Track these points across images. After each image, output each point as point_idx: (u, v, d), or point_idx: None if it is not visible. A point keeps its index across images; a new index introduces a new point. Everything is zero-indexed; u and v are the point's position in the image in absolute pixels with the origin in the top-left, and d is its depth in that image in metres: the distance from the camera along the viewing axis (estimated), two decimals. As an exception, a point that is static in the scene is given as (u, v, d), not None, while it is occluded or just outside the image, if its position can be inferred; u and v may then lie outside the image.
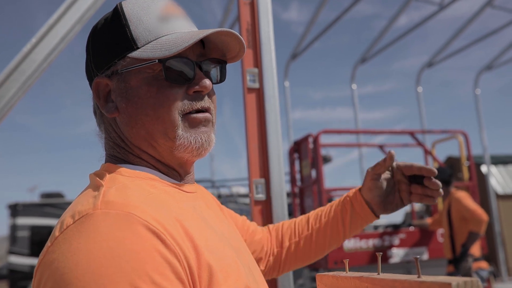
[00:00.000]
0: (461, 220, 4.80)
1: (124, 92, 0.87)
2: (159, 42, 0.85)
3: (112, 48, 0.87)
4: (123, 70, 0.87)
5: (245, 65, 1.98)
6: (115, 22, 0.88)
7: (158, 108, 0.85)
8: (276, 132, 1.94)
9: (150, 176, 0.86)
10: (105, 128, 0.94)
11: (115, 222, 0.69)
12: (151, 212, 0.73)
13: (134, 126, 0.88)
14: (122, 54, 0.86)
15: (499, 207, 11.22)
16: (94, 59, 0.90)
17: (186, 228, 0.76)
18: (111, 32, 0.88)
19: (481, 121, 10.58)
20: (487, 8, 8.50)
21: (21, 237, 11.92)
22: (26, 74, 1.78)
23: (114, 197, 0.74)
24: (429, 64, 10.72)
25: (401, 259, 5.43)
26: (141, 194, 0.77)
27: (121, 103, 0.88)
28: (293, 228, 1.29)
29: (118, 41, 0.87)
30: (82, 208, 0.73)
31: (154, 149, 0.89)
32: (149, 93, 0.85)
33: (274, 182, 1.90)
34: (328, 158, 6.14)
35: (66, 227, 0.71)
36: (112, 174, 0.84)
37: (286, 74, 10.34)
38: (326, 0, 8.42)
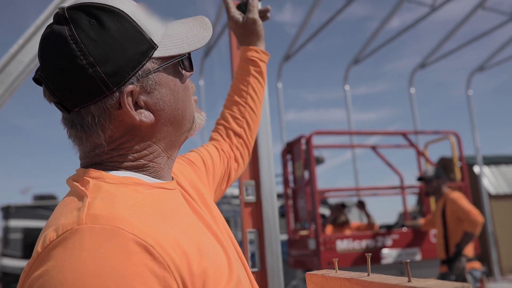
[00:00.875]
0: (456, 220, 4.81)
1: (155, 94, 0.85)
2: (172, 38, 0.87)
3: (136, 51, 0.81)
4: (152, 71, 0.83)
5: (234, 66, 1.97)
6: (127, 22, 0.81)
7: (185, 99, 0.91)
8: (266, 133, 1.93)
9: (134, 180, 0.83)
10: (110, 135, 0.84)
11: (101, 237, 0.67)
12: (139, 224, 0.70)
13: (166, 124, 0.88)
14: (147, 56, 0.82)
15: (492, 207, 11.26)
16: (108, 68, 0.78)
17: (177, 234, 0.74)
18: (128, 33, 0.81)
19: (473, 122, 10.62)
20: (479, 10, 8.54)
21: (13, 239, 11.84)
22: (13, 76, 1.75)
23: (100, 209, 0.71)
24: (421, 65, 10.75)
25: (394, 260, 5.43)
26: (128, 204, 0.74)
27: (155, 106, 0.85)
28: (234, 113, 1.41)
29: (139, 41, 0.81)
30: (66, 222, 0.69)
31: (172, 143, 0.91)
32: (177, 87, 0.88)
33: (264, 183, 1.89)
34: (321, 159, 6.14)
35: (49, 242, 0.68)
36: (95, 181, 0.79)
37: (280, 75, 10.34)
38: (319, 1, 8.42)
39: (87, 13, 0.79)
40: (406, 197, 6.87)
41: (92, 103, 0.79)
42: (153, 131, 0.86)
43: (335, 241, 5.25)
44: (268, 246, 1.86)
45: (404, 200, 6.85)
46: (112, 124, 0.82)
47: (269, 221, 1.87)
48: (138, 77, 0.81)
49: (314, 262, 5.33)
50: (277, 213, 1.90)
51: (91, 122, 0.81)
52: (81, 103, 0.79)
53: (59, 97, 0.79)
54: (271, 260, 1.85)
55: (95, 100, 0.79)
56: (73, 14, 0.79)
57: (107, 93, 0.79)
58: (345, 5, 8.25)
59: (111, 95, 0.80)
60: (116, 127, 0.83)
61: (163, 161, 0.90)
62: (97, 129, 0.81)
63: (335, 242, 5.25)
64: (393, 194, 6.72)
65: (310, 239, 5.43)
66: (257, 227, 1.88)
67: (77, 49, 0.76)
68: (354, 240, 5.34)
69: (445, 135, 6.82)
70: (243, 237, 1.89)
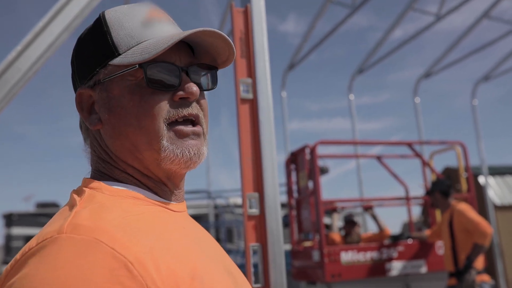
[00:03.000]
0: (464, 232, 4.73)
1: (107, 102, 0.82)
2: (140, 47, 0.80)
3: (93, 57, 0.83)
4: (105, 79, 0.82)
5: (238, 75, 1.92)
6: (97, 29, 0.84)
7: (141, 117, 0.79)
8: (271, 144, 1.88)
9: (133, 194, 0.79)
10: (90, 141, 0.88)
11: (78, 248, 0.63)
12: (122, 238, 0.66)
13: (117, 138, 0.82)
14: (104, 62, 0.82)
15: (497, 218, 11.16)
16: (78, 70, 0.87)
17: (167, 253, 0.69)
18: (93, 40, 0.84)
19: (478, 131, 10.55)
20: (484, 19, 8.50)
21: (15, 247, 11.83)
22: (10, 83, 1.71)
23: (84, 219, 0.68)
24: (426, 74, 10.70)
25: (400, 272, 5.35)
26: (117, 216, 0.71)
27: (104, 114, 0.82)
28: None
29: (100, 48, 0.83)
30: (47, 231, 0.67)
31: (140, 162, 0.82)
32: (132, 101, 0.80)
33: (268, 196, 1.83)
34: (325, 169, 6.07)
35: (28, 250, 0.66)
36: (91, 191, 0.77)
37: (284, 84, 10.31)
38: (322, 12, 8.41)
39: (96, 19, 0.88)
40: (411, 208, 6.78)
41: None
42: (110, 142, 0.84)
43: (340, 253, 5.17)
44: (272, 261, 1.81)
45: (409, 211, 6.77)
46: (84, 125, 0.89)
47: (273, 235, 1.81)
48: (95, 81, 0.83)
49: (318, 274, 5.25)
50: (281, 227, 1.84)
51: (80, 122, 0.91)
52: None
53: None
54: (275, 276, 1.79)
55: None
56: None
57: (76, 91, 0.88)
58: (348, 15, 8.23)
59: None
60: (88, 130, 0.88)
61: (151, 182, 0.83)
62: (84, 129, 0.90)
63: (340, 254, 5.17)
64: (398, 205, 6.64)
65: (314, 250, 5.36)
66: (261, 241, 1.83)
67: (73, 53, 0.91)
68: (359, 252, 5.26)
69: (451, 145, 6.75)
70: (246, 251, 1.83)
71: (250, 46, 1.97)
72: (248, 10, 2.00)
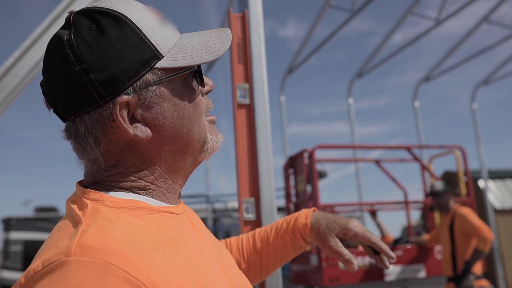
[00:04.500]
0: (464, 237, 4.72)
1: (154, 108, 0.78)
2: (182, 49, 0.81)
3: (134, 60, 0.75)
4: (153, 83, 0.77)
5: (235, 80, 1.93)
6: (129, 29, 0.76)
7: (193, 117, 0.83)
8: (267, 149, 1.88)
9: (137, 203, 0.76)
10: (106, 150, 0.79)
11: (89, 272, 0.60)
12: (134, 258, 0.64)
13: (168, 143, 0.81)
14: (149, 65, 0.77)
15: (497, 222, 11.15)
16: (102, 76, 0.74)
17: (176, 268, 0.68)
18: (129, 40, 0.76)
19: (478, 135, 10.55)
20: (484, 24, 8.51)
21: (14, 252, 11.78)
22: (7, 90, 1.71)
23: (92, 240, 0.64)
24: (426, 78, 10.71)
25: (397, 277, 5.35)
26: (126, 232, 0.68)
27: (154, 121, 0.79)
28: (241, 250, 1.26)
29: (140, 49, 0.76)
30: (53, 254, 0.63)
31: (180, 163, 0.84)
32: (183, 103, 0.81)
33: (264, 201, 1.83)
34: (324, 173, 6.07)
35: (33, 273, 0.62)
36: (94, 204, 0.73)
37: (283, 88, 10.31)
38: (321, 17, 8.42)
39: (90, 17, 0.76)
40: (410, 212, 6.78)
41: (85, 112, 0.75)
42: (152, 149, 0.80)
43: (338, 257, 5.16)
44: (268, 266, 1.80)
45: (408, 215, 6.76)
46: (107, 137, 0.77)
47: (270, 240, 1.81)
48: (135, 88, 0.76)
49: (316, 278, 5.25)
50: (277, 232, 1.84)
51: (84, 132, 0.76)
52: (74, 111, 0.76)
53: (54, 104, 0.77)
54: (271, 281, 1.79)
55: (88, 110, 0.75)
56: (77, 19, 0.76)
57: (101, 103, 0.75)
58: (347, 19, 8.24)
59: (105, 105, 0.75)
60: (112, 141, 0.78)
61: (167, 185, 0.83)
62: (90, 141, 0.77)
63: (338, 258, 5.16)
64: (397, 209, 6.64)
65: (312, 254, 5.35)
66: (257, 246, 1.83)
67: (72, 54, 0.73)
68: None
69: (450, 149, 6.75)
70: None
71: (248, 52, 1.97)
72: (245, 15, 2.00)
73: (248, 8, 2.00)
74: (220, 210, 11.08)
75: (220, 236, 10.58)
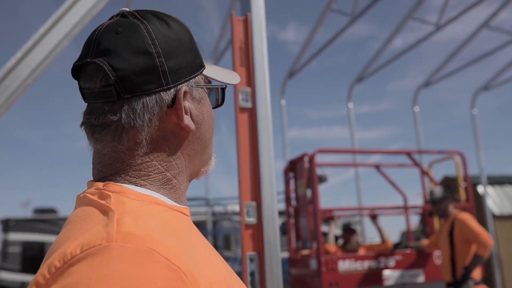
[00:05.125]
0: (464, 242, 4.71)
1: (198, 107, 0.86)
2: (212, 67, 0.90)
3: (193, 61, 0.84)
4: (202, 85, 0.87)
5: (237, 84, 1.93)
6: (189, 35, 0.86)
7: (213, 127, 0.91)
8: (269, 153, 1.88)
9: (154, 199, 0.77)
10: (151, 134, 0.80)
11: (134, 258, 0.61)
12: (173, 248, 0.65)
13: (198, 142, 0.86)
14: (200, 70, 0.86)
15: (496, 228, 11.14)
16: (171, 63, 0.79)
17: (204, 264, 0.70)
18: (189, 43, 0.85)
19: (478, 141, 10.55)
20: (484, 29, 8.53)
21: (12, 253, 11.77)
22: (9, 91, 1.71)
23: (132, 228, 0.65)
24: (426, 83, 10.72)
25: (396, 282, 5.34)
26: (158, 224, 0.69)
27: (197, 118, 0.85)
28: None
29: (196, 55, 0.85)
30: (91, 238, 0.63)
31: (194, 168, 0.89)
32: (209, 112, 0.89)
33: (265, 205, 1.83)
34: (324, 177, 6.06)
35: (71, 257, 0.61)
36: (117, 195, 0.73)
37: (283, 92, 10.32)
38: (322, 21, 8.43)
39: (156, 16, 0.82)
40: (409, 217, 6.78)
41: (147, 93, 0.78)
42: (187, 144, 0.85)
43: (337, 262, 5.16)
44: (269, 269, 1.80)
45: (408, 220, 6.76)
46: (158, 122, 0.80)
47: (270, 244, 1.81)
48: (192, 83, 0.83)
49: (315, 282, 5.24)
50: (278, 236, 1.84)
51: (139, 112, 0.78)
52: (136, 90, 0.77)
53: (116, 78, 0.76)
54: (272, 284, 1.79)
55: (151, 91, 0.78)
56: (142, 14, 0.82)
57: (165, 87, 0.79)
58: (348, 24, 8.26)
59: (167, 91, 0.80)
60: (158, 127, 0.80)
61: (183, 183, 0.86)
62: (143, 122, 0.78)
63: (337, 262, 5.16)
64: (396, 214, 6.63)
65: (311, 259, 5.35)
66: (258, 250, 1.82)
67: (149, 38, 0.78)
68: (357, 260, 5.25)
69: (450, 154, 6.75)
70: (243, 259, 1.83)
71: (250, 55, 1.97)
72: (248, 19, 2.00)
73: (250, 12, 2.00)
74: (219, 213, 11.07)
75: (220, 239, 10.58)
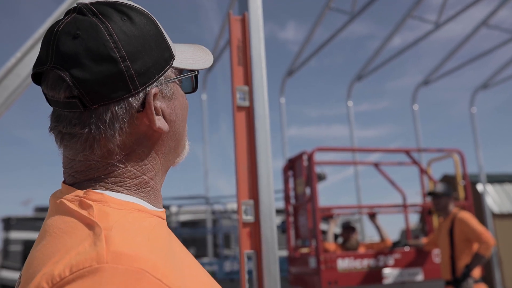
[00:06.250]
0: (464, 241, 4.71)
1: (170, 104, 0.81)
2: (183, 53, 0.85)
3: (161, 57, 0.78)
4: (173, 79, 0.81)
5: (235, 82, 1.94)
6: (154, 26, 0.79)
7: (185, 118, 0.86)
8: (266, 152, 1.89)
9: (136, 206, 0.75)
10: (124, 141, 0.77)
11: (125, 280, 0.60)
12: (162, 266, 0.64)
13: (172, 139, 0.83)
14: (169, 63, 0.80)
15: (495, 226, 11.15)
16: (137, 66, 0.74)
17: (191, 277, 0.71)
18: (156, 37, 0.78)
19: (477, 139, 10.56)
20: (483, 28, 8.54)
21: (13, 251, 11.78)
22: (9, 90, 1.72)
23: (121, 246, 0.63)
24: (425, 82, 10.73)
25: (395, 280, 5.35)
26: (144, 238, 0.68)
27: (170, 116, 0.81)
28: None
29: (163, 47, 0.79)
30: (80, 258, 0.61)
31: (168, 163, 0.86)
32: (182, 103, 0.85)
33: (263, 203, 1.84)
34: (323, 176, 6.08)
35: (59, 279, 0.59)
36: (99, 205, 0.70)
37: (282, 91, 10.33)
38: (321, 20, 8.44)
39: (118, 10, 0.75)
40: (408, 215, 6.79)
41: (115, 101, 0.73)
42: (161, 144, 0.81)
43: (336, 260, 5.18)
44: (266, 268, 1.82)
45: (407, 219, 6.77)
46: (129, 128, 0.75)
47: (268, 242, 1.82)
48: (161, 82, 0.78)
49: (314, 280, 5.25)
50: (276, 234, 1.85)
51: (109, 122, 0.73)
52: (103, 99, 0.72)
53: (80, 90, 0.71)
54: (269, 283, 1.80)
55: (118, 98, 0.73)
56: (101, 9, 0.75)
57: (133, 92, 0.74)
58: (347, 22, 8.27)
59: (136, 95, 0.74)
60: (130, 133, 0.76)
61: (159, 183, 0.83)
62: (114, 131, 0.74)
63: (336, 261, 5.17)
64: (395, 212, 6.65)
65: (310, 257, 5.36)
66: (255, 248, 1.84)
67: (112, 41, 0.72)
68: (356, 259, 5.26)
69: (448, 153, 6.77)
70: (241, 258, 1.84)
71: (247, 54, 1.98)
72: (245, 18, 2.01)
73: (248, 11, 2.01)
74: (219, 212, 11.08)
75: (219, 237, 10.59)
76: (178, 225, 10.82)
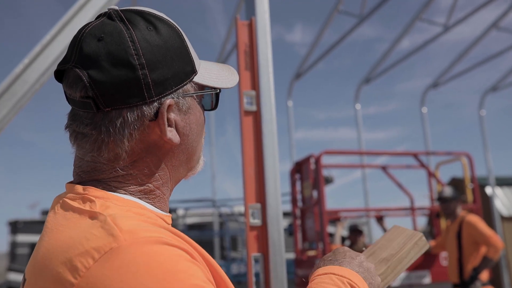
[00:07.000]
0: (473, 244, 4.70)
1: (185, 118, 0.82)
2: (207, 70, 0.86)
3: (181, 69, 0.79)
4: (191, 94, 0.82)
5: (242, 87, 1.95)
6: (179, 39, 0.80)
7: (201, 134, 0.87)
8: (273, 156, 1.90)
9: (138, 205, 0.77)
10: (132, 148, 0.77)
11: (149, 247, 0.63)
12: (168, 237, 0.67)
13: (184, 153, 0.84)
14: (190, 77, 0.81)
15: (504, 229, 11.08)
16: (155, 75, 0.75)
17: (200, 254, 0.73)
18: (179, 49, 0.79)
19: (486, 142, 10.50)
20: (492, 30, 8.49)
21: (21, 254, 11.85)
22: (17, 95, 1.74)
23: (130, 225, 0.66)
24: (434, 84, 10.69)
25: (403, 283, 5.33)
26: (146, 223, 0.70)
27: (184, 130, 0.82)
28: None
29: (186, 61, 0.80)
30: (97, 244, 0.63)
31: (179, 176, 0.87)
32: (200, 119, 0.86)
33: (270, 207, 1.85)
34: (330, 179, 6.07)
35: (86, 269, 0.61)
36: (101, 200, 0.72)
37: (290, 93, 10.33)
38: (330, 22, 8.43)
39: (145, 19, 0.78)
40: (416, 218, 6.77)
41: (128, 106, 0.74)
42: (171, 155, 0.82)
43: (344, 263, 5.16)
44: (273, 270, 1.82)
45: (414, 221, 6.75)
46: (139, 135, 0.77)
47: (275, 245, 1.83)
48: (178, 94, 0.79)
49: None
50: (283, 237, 1.86)
51: (119, 126, 0.75)
52: (116, 103, 0.74)
53: (96, 91, 0.73)
54: (276, 285, 1.81)
55: (132, 104, 0.74)
56: (129, 16, 0.77)
57: (147, 100, 0.75)
58: (355, 25, 8.25)
59: (150, 104, 0.76)
60: (140, 140, 0.77)
61: (167, 192, 0.84)
62: (123, 137, 0.75)
63: (344, 264, 5.15)
64: (403, 215, 6.62)
65: (317, 259, 5.35)
66: (263, 251, 1.84)
67: (133, 47, 0.74)
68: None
69: (457, 156, 6.74)
70: (248, 261, 1.84)
71: (254, 59, 1.99)
72: (252, 23, 2.02)
73: (255, 16, 2.02)
74: (226, 215, 11.09)
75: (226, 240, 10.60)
76: (185, 228, 10.84)
